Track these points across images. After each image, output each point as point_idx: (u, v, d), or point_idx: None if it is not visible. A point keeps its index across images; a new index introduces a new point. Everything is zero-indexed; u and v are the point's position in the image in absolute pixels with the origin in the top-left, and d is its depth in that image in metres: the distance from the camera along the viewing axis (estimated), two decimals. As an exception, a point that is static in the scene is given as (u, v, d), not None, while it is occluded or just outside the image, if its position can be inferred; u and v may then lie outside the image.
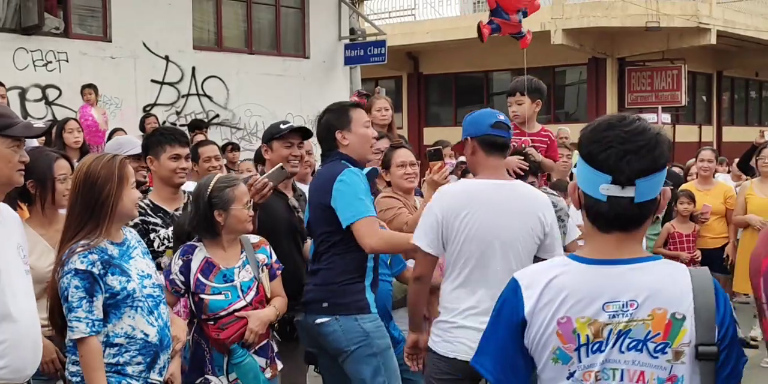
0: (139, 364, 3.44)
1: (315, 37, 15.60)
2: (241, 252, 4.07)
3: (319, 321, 4.28)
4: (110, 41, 12.90)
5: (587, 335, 2.05)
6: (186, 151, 4.61)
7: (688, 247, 7.90)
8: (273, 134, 4.79)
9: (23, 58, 11.76)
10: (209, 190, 3.97)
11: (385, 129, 7.06)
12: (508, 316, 2.13)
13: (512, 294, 2.13)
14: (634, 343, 2.05)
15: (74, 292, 3.32)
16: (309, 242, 4.66)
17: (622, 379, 2.06)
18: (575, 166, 7.56)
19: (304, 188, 5.11)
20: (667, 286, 2.06)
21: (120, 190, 3.43)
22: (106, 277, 3.38)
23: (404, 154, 5.20)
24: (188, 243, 4.05)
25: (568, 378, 2.08)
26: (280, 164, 4.48)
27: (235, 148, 11.03)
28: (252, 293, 4.01)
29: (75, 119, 8.52)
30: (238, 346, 3.93)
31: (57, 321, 3.45)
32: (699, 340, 2.03)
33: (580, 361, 2.07)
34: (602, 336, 2.05)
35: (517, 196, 3.93)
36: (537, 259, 3.88)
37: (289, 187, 4.89)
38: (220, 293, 3.95)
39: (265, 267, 4.11)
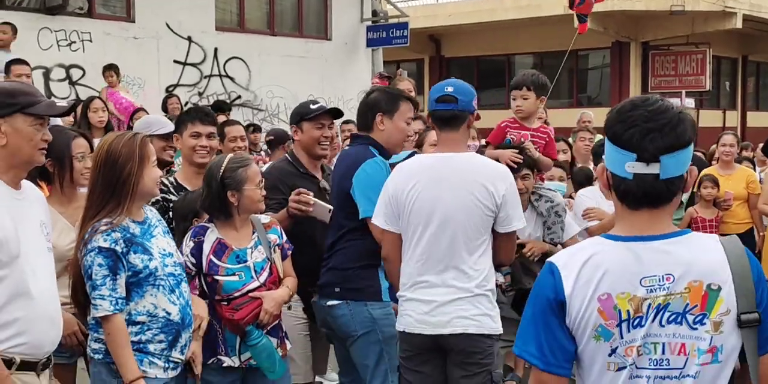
0: (161, 342, 3.47)
1: (337, 18, 15.57)
2: (253, 232, 4.06)
3: (329, 303, 4.33)
4: (133, 21, 12.93)
5: (628, 310, 2.08)
6: (208, 129, 4.58)
7: (711, 231, 7.86)
8: (303, 115, 4.73)
9: (47, 37, 11.81)
10: (222, 170, 3.94)
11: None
12: (547, 298, 2.15)
13: (549, 276, 2.16)
14: (673, 317, 2.08)
15: (98, 270, 3.34)
16: None
17: (663, 352, 2.09)
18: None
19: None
20: (700, 258, 2.10)
21: (141, 168, 3.44)
22: (129, 255, 3.40)
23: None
24: (199, 224, 4.03)
25: (609, 354, 2.11)
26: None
27: (257, 129, 11.05)
28: (265, 274, 4.00)
29: (100, 98, 8.56)
30: (254, 326, 3.93)
31: (80, 299, 3.48)
32: (740, 309, 2.08)
33: (621, 337, 2.09)
34: (642, 311, 2.08)
35: (464, 168, 3.89)
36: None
37: (318, 169, 4.87)
38: (233, 274, 3.94)
39: (277, 247, 4.11)
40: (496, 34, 22.57)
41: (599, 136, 9.40)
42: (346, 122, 8.54)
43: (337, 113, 4.85)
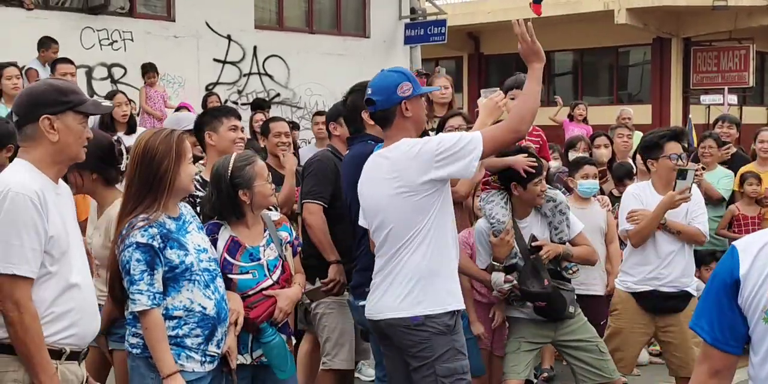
0: (197, 336, 3.51)
1: (375, 16, 15.58)
2: (265, 230, 4.06)
3: (360, 303, 4.37)
4: (174, 21, 13.05)
5: None
6: (240, 123, 4.76)
7: (753, 229, 7.74)
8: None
9: (90, 37, 11.97)
10: (229, 170, 3.94)
11: (445, 107, 7.05)
12: (724, 277, 2.23)
13: (729, 257, 2.24)
14: None
15: (136, 265, 3.38)
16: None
17: None
18: (636, 147, 7.31)
19: None
20: None
21: (178, 165, 3.48)
22: (165, 250, 3.44)
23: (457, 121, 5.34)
24: (212, 221, 4.03)
25: None
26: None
27: (295, 127, 11.10)
28: (278, 271, 4.01)
29: (123, 92, 8.63)
30: (268, 324, 3.94)
31: (117, 294, 3.54)
32: None
33: None
34: None
35: (388, 162, 3.90)
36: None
37: None
38: (247, 272, 3.94)
39: (288, 244, 4.12)
40: (536, 30, 22.37)
41: (638, 133, 9.30)
42: (319, 113, 8.80)
43: None
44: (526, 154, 4.73)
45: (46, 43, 10.06)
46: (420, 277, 3.81)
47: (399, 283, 3.85)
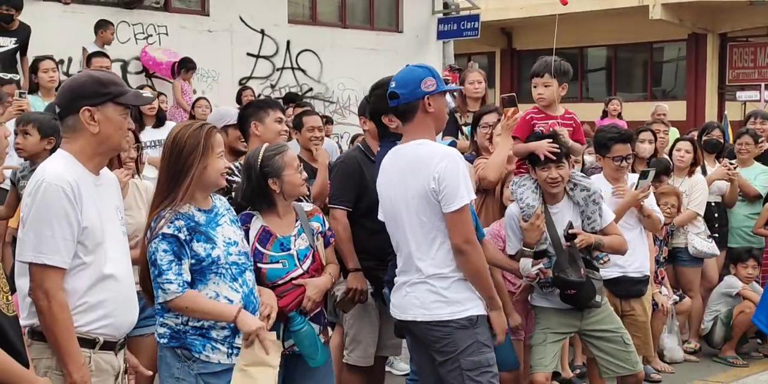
0: (223, 328, 3.53)
1: (408, 11, 15.56)
2: (296, 220, 4.10)
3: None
4: (208, 15, 13.11)
5: None
6: (284, 116, 4.84)
7: (789, 227, 7.67)
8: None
9: (125, 31, 12.05)
10: (260, 159, 3.99)
11: (478, 102, 7.04)
12: None
13: None
14: None
15: (163, 255, 3.42)
16: None
17: None
18: (673, 142, 7.38)
19: None
20: None
21: (205, 159, 3.50)
22: (192, 243, 3.46)
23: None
24: (245, 212, 4.06)
25: None
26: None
27: (329, 121, 11.15)
28: (308, 261, 4.04)
29: (150, 86, 8.71)
30: (297, 313, 3.97)
31: (149, 287, 3.56)
32: None
33: None
34: None
35: (404, 158, 3.91)
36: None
37: None
38: (277, 262, 3.98)
39: (319, 235, 4.15)
40: (569, 26, 22.22)
41: (674, 130, 9.22)
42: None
43: None
44: (552, 140, 4.71)
45: (102, 25, 10.20)
46: (439, 278, 3.82)
47: (420, 283, 3.86)
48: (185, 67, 11.59)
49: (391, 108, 3.98)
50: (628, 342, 4.86)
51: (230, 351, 3.56)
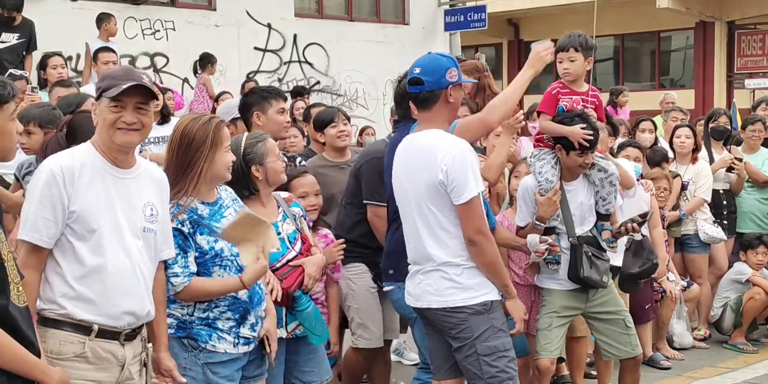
0: (228, 319, 3.55)
1: (415, 3, 15.56)
2: (278, 207, 4.15)
3: (386, 289, 4.52)
4: (214, 10, 13.15)
5: None
6: (287, 106, 4.80)
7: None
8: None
9: (133, 27, 12.10)
10: (242, 147, 4.00)
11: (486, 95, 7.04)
12: None
13: None
14: None
15: None
16: None
17: None
18: (672, 129, 7.26)
19: None
20: None
21: (212, 152, 3.50)
22: (195, 236, 3.47)
23: None
24: None
25: None
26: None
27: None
28: (299, 243, 4.10)
29: (158, 83, 8.75)
30: (301, 292, 4.01)
31: None
32: None
33: None
34: None
35: (416, 148, 3.92)
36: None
37: None
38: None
39: (302, 218, 4.22)
40: (576, 16, 22.16)
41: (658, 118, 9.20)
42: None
43: None
44: (585, 124, 4.66)
45: (104, 18, 10.24)
46: (452, 265, 3.85)
47: (433, 271, 3.88)
48: (210, 61, 11.65)
49: (410, 94, 3.99)
50: (629, 325, 4.90)
51: (236, 341, 3.57)
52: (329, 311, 4.61)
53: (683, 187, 7.12)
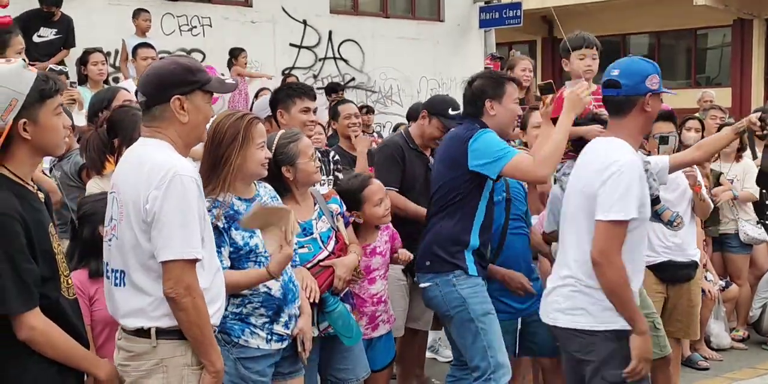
0: (261, 315, 3.55)
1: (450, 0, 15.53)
2: (314, 204, 4.11)
3: (422, 285, 4.47)
4: (251, 6, 13.20)
5: None
6: (314, 104, 4.72)
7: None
8: (439, 113, 5.16)
9: (170, 23, 12.18)
10: (274, 147, 3.96)
11: (523, 91, 7.04)
12: None
13: None
14: None
15: None
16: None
17: None
18: (681, 121, 7.12)
19: None
20: None
21: (244, 149, 3.50)
22: (230, 231, 3.46)
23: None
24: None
25: None
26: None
27: (370, 110, 11.18)
28: (332, 243, 4.07)
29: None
30: (329, 294, 4.00)
31: None
32: None
33: None
34: None
35: (593, 154, 3.75)
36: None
37: (428, 149, 5.26)
38: (303, 247, 3.98)
39: (339, 216, 4.19)
40: (612, 13, 22.03)
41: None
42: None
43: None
44: (602, 125, 4.55)
45: (136, 14, 10.33)
46: (586, 285, 3.61)
47: (565, 286, 3.69)
48: (233, 55, 11.73)
49: (605, 96, 3.72)
50: (658, 326, 4.87)
51: (269, 337, 3.57)
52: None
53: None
